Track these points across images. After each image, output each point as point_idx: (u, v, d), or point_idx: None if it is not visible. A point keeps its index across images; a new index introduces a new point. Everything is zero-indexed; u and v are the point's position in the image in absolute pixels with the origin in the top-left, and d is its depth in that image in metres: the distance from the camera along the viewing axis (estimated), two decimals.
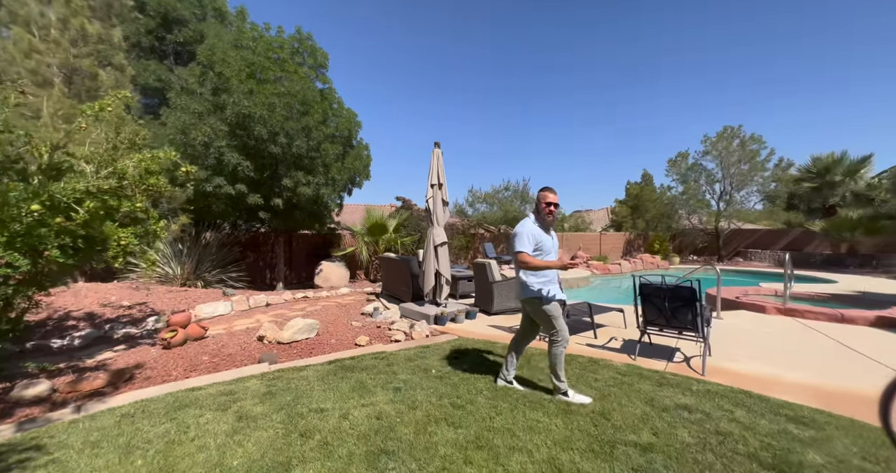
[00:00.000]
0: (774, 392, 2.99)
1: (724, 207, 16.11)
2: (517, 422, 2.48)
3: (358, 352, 4.05)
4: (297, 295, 7.90)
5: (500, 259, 12.66)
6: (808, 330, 4.94)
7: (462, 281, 7.68)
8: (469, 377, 3.31)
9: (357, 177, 9.44)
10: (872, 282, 9.58)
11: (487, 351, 4.11)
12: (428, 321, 5.45)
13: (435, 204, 5.94)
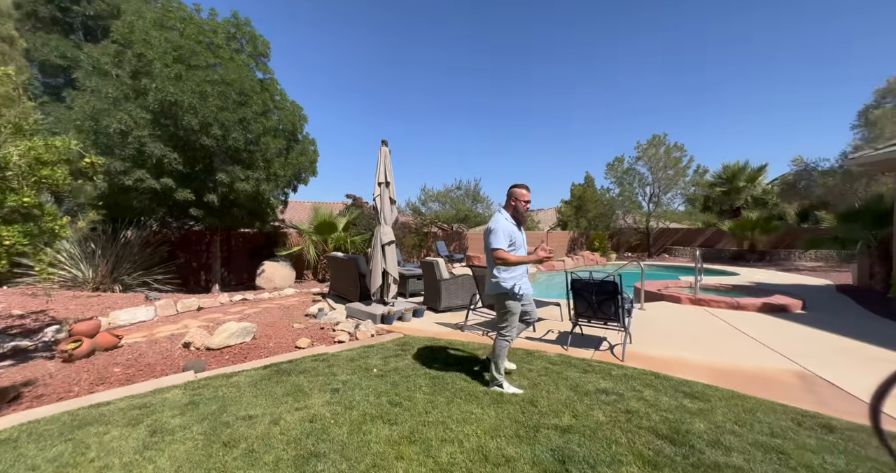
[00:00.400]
0: (678, 371, 3.41)
1: (653, 208, 17.81)
2: (452, 415, 2.58)
3: (297, 355, 3.91)
4: (234, 298, 7.40)
5: (452, 257, 12.88)
6: (711, 316, 5.67)
7: (412, 279, 7.71)
8: (410, 374, 3.35)
9: (303, 173, 9.03)
10: (764, 274, 11.21)
11: (431, 347, 4.18)
12: (374, 320, 5.41)
13: (382, 202, 5.89)
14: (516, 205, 3.02)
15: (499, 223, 2.90)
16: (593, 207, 20.61)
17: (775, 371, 3.45)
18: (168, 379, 3.18)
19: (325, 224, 10.48)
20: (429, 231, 15.07)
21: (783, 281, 9.74)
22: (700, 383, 3.11)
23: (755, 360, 3.73)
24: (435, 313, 6.16)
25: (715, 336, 4.65)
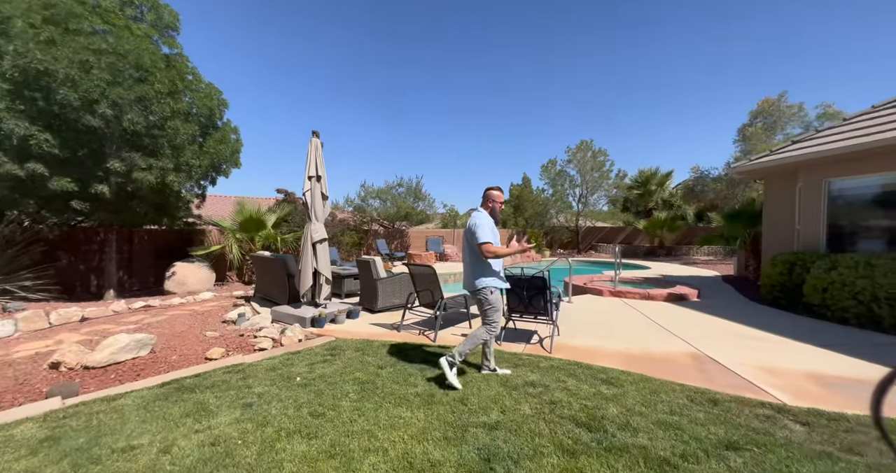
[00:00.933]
0: (598, 360, 3.67)
1: (582, 208, 19.33)
2: (379, 421, 2.45)
3: (207, 368, 3.45)
4: (134, 305, 6.38)
5: (393, 255, 12.62)
6: (627, 307, 6.26)
7: (348, 279, 7.36)
8: (338, 381, 3.14)
9: (223, 163, 8.08)
10: (670, 268, 12.78)
11: (363, 350, 3.98)
12: (303, 324, 5.03)
13: (313, 197, 5.49)
14: (493, 206, 3.16)
15: (483, 219, 3.02)
16: (530, 207, 21.72)
17: (676, 354, 3.89)
18: (20, 410, 2.55)
19: (251, 220, 9.54)
20: (369, 229, 14.60)
21: (684, 273, 11.18)
22: (616, 369, 3.37)
23: (661, 345, 4.17)
24: (371, 314, 5.94)
25: (630, 324, 5.13)
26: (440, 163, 61.74)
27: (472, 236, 3.01)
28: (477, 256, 3.02)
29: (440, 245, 14.39)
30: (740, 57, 40.61)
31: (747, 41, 37.95)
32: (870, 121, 6.00)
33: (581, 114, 52.48)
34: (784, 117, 15.19)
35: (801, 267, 5.79)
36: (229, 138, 7.89)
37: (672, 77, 45.53)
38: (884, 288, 4.54)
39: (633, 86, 48.47)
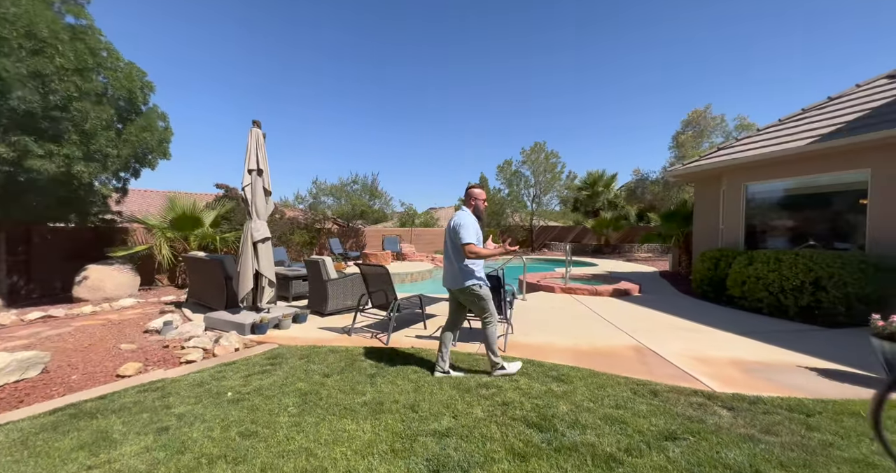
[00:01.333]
0: (549, 356, 3.73)
1: (536, 208, 20.03)
2: (321, 437, 2.23)
3: (116, 387, 2.97)
4: (29, 316, 5.44)
5: (347, 255, 12.13)
6: (577, 303, 6.52)
7: (296, 280, 6.90)
8: (277, 393, 2.85)
9: (148, 153, 7.16)
10: (615, 264, 13.65)
11: (309, 357, 3.70)
12: (242, 331, 4.59)
13: (254, 193, 5.04)
14: (476, 203, 3.18)
15: (467, 219, 3.02)
16: (487, 206, 22.13)
17: (621, 347, 4.07)
18: None
19: (185, 218, 8.59)
20: (322, 227, 13.90)
21: (627, 269, 11.98)
22: (566, 366, 3.43)
23: (607, 339, 4.35)
24: (321, 317, 5.59)
25: (579, 320, 5.31)
26: (398, 161, 60.91)
27: (455, 235, 2.99)
28: (462, 255, 3.01)
29: (397, 244, 14.11)
30: (675, 69, 44.64)
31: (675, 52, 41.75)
32: (777, 133, 6.80)
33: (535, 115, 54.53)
34: (709, 127, 16.92)
35: (725, 262, 6.40)
36: (156, 125, 7.00)
37: (617, 79, 48.74)
38: (789, 280, 5.14)
39: (580, 87, 51.32)
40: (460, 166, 63.82)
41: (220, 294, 5.60)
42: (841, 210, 5.86)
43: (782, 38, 35.63)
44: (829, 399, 2.73)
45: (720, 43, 37.80)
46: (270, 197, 5.29)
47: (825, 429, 2.31)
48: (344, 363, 3.54)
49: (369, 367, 3.42)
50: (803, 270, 5.02)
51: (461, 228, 2.96)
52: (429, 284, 10.70)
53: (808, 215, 6.32)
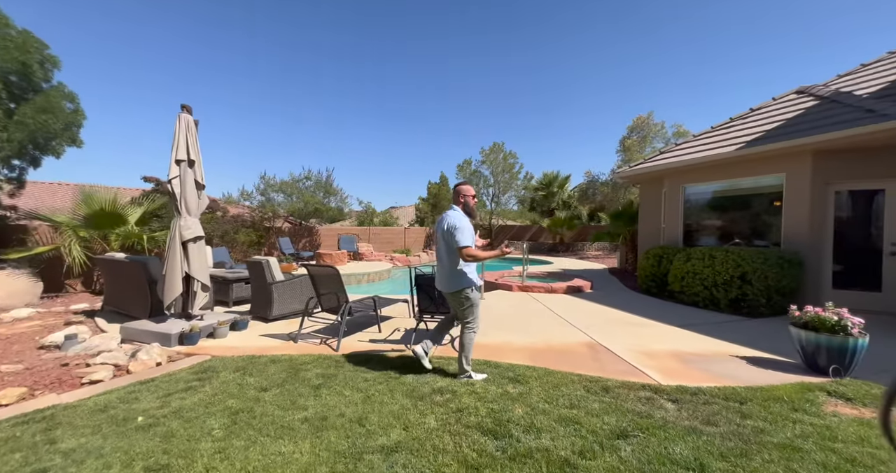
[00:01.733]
0: (506, 356, 3.68)
1: (495, 207, 20.34)
2: (249, 464, 1.95)
3: None
4: None
5: (299, 255, 11.44)
6: (533, 300, 6.61)
7: (237, 283, 6.30)
8: (201, 414, 2.49)
9: (51, 139, 6.15)
10: (569, 262, 14.22)
11: (245, 369, 3.32)
12: (167, 342, 4.05)
13: (184, 186, 4.48)
14: (465, 200, 3.09)
15: (462, 220, 2.93)
16: (447, 205, 22.10)
17: (574, 344, 4.13)
18: None
19: (103, 215, 7.52)
20: (271, 226, 12.98)
21: (580, 266, 12.52)
22: (522, 365, 3.40)
23: (562, 337, 4.41)
24: (265, 323, 5.13)
25: (535, 318, 5.36)
26: (356, 158, 59.13)
27: (451, 238, 2.89)
28: (457, 257, 2.92)
29: (354, 243, 13.57)
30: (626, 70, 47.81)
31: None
32: (710, 139, 7.39)
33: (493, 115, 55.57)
34: (652, 133, 18.25)
35: (667, 259, 6.84)
36: (60, 107, 6.00)
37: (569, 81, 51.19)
38: (721, 275, 5.58)
39: (538, 88, 53.28)
40: (421, 165, 63.40)
41: (142, 300, 4.92)
42: (762, 210, 6.49)
43: (716, 44, 39.51)
44: (757, 387, 2.93)
45: (657, 48, 41.01)
46: (204, 191, 4.75)
47: (756, 416, 2.45)
48: (286, 374, 3.22)
49: (315, 377, 3.14)
50: (732, 266, 5.47)
51: (457, 231, 2.85)
52: (387, 284, 10.39)
53: (735, 215, 6.93)
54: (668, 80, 45.44)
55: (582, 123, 53.85)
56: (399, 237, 18.66)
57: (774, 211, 6.11)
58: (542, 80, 51.57)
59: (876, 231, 5.40)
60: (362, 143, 60.52)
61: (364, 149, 61.77)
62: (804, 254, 5.48)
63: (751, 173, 6.32)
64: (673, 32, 37.86)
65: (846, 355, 3.12)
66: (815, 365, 3.26)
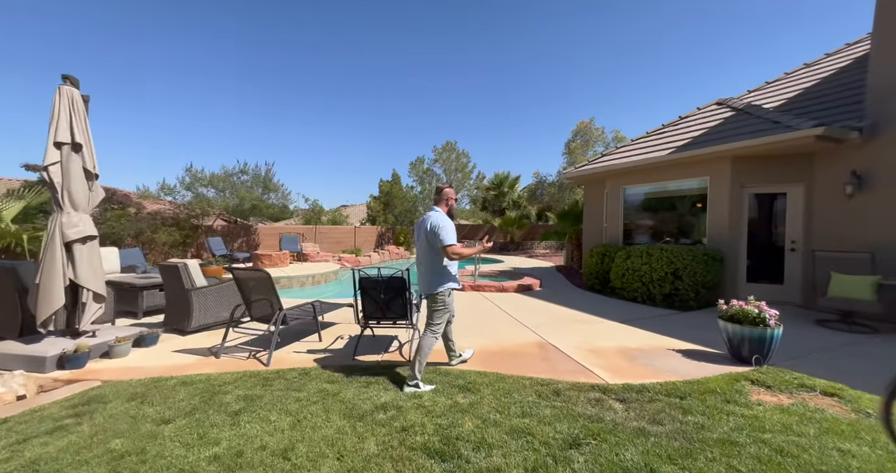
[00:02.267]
0: None
1: None
2: None
3: None
4: None
5: (234, 256, 10.34)
6: (485, 300, 6.54)
7: (149, 291, 5.41)
8: (66, 465, 1.94)
9: None
10: (519, 261, 14.57)
11: (145, 396, 2.74)
12: (41, 367, 3.27)
13: (67, 175, 3.67)
14: (450, 203, 3.17)
15: (445, 220, 2.98)
16: (399, 204, 21.58)
17: (525, 344, 4.07)
18: None
19: None
20: (200, 224, 11.57)
21: (529, 265, 12.86)
22: (473, 371, 3.22)
23: (513, 337, 4.33)
24: (182, 336, 4.43)
25: (487, 318, 5.26)
26: (300, 152, 55.74)
27: (434, 237, 2.91)
28: (439, 258, 2.96)
29: (297, 243, 12.62)
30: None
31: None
32: (646, 143, 7.91)
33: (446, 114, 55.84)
34: (593, 137, 19.44)
35: (609, 257, 7.16)
36: None
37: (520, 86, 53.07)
38: (656, 271, 5.93)
39: (488, 87, 54.57)
40: (372, 163, 61.64)
41: (11, 315, 3.96)
42: (690, 211, 7.06)
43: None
44: (694, 380, 3.04)
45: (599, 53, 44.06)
46: (97, 182, 3.94)
47: (696, 410, 2.51)
48: (199, 399, 2.71)
49: (235, 401, 2.68)
50: (666, 263, 5.84)
51: (441, 230, 2.88)
52: (333, 287, 9.76)
53: (667, 215, 7.47)
54: (611, 86, 49.14)
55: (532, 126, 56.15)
56: (349, 236, 17.84)
57: (700, 211, 6.66)
58: (494, 81, 52.87)
59: (780, 230, 6.10)
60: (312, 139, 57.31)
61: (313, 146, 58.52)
62: (724, 251, 6.02)
63: (681, 176, 6.83)
64: (618, 39, 41.04)
65: (765, 345, 3.38)
66: (739, 355, 3.50)
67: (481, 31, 42.75)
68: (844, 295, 4.67)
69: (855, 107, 5.47)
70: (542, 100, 52.57)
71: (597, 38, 40.73)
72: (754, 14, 35.45)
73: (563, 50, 43.89)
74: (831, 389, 2.85)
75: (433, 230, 2.91)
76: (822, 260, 5.12)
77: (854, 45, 7.75)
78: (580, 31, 39.88)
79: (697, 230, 6.80)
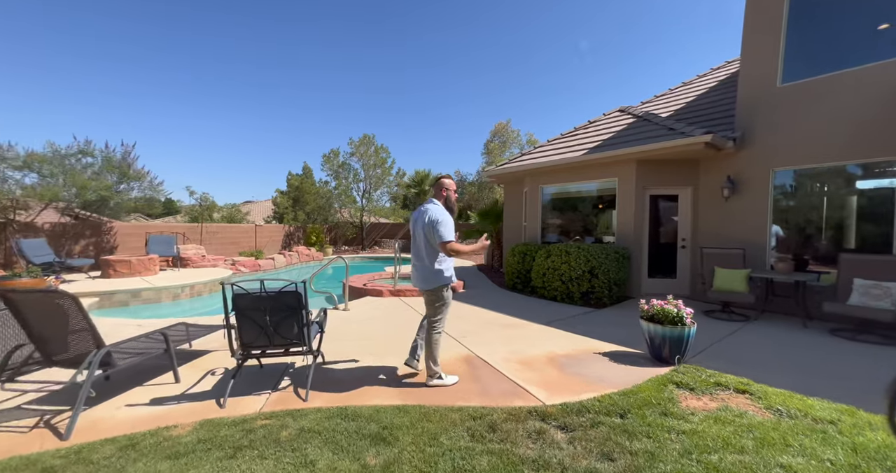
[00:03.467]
0: (370, 396, 2.78)
1: (366, 204, 19.04)
2: None
3: None
4: None
5: (65, 264, 7.77)
6: (406, 307, 5.88)
7: None
8: None
9: None
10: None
11: None
12: None
13: None
14: (447, 194, 3.01)
15: (444, 215, 2.82)
16: (311, 200, 19.53)
17: (452, 360, 3.54)
18: None
19: None
20: (9, 219, 8.40)
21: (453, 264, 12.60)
22: (390, 408, 2.55)
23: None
24: None
25: (407, 329, 4.60)
26: (187, 138, 47.44)
27: (432, 232, 2.77)
28: (437, 252, 2.85)
29: (173, 245, 10.19)
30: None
31: None
32: (562, 145, 8.16)
33: (363, 108, 53.43)
34: (510, 139, 20.28)
35: (530, 256, 7.15)
36: None
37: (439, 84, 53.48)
38: (575, 270, 6.02)
39: (406, 87, 53.97)
40: (281, 157, 55.79)
41: None
42: (602, 210, 7.44)
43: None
44: (627, 390, 2.86)
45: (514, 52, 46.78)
46: None
47: (640, 433, 2.25)
48: None
49: None
50: (584, 261, 5.95)
51: (440, 225, 2.73)
52: (214, 297, 8.02)
53: (582, 214, 7.81)
54: (527, 88, 52.63)
55: (453, 125, 57.12)
56: (247, 236, 15.40)
57: (608, 211, 7.03)
58: (416, 80, 52.28)
59: (673, 229, 6.75)
60: (207, 123, 49.05)
61: (208, 132, 50.18)
62: (631, 249, 6.41)
63: (593, 177, 7.13)
64: (531, 42, 43.90)
65: (682, 344, 3.42)
66: (659, 355, 3.50)
67: (395, 27, 41.75)
68: (727, 288, 5.23)
69: (728, 120, 6.26)
70: (461, 100, 53.84)
71: (508, 40, 43.13)
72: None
73: (474, 51, 45.54)
74: (741, 385, 2.92)
75: (431, 224, 2.76)
76: (709, 256, 5.73)
77: (718, 69, 9.12)
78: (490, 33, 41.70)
79: (607, 229, 7.19)
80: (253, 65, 45.67)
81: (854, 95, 4.80)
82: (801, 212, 5.49)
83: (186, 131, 47.06)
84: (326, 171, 18.57)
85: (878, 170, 4.78)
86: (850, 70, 4.84)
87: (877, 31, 4.77)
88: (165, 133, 44.64)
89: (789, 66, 5.35)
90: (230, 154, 53.13)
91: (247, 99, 49.33)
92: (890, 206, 4.61)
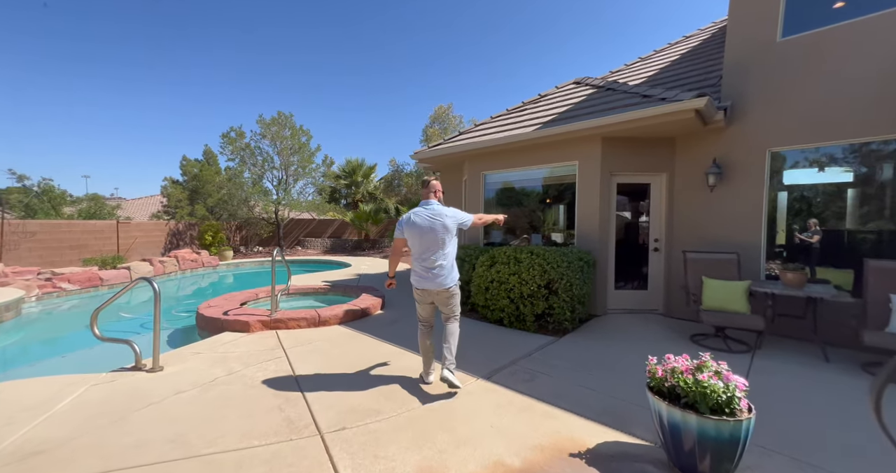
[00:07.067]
0: None
1: (284, 196, 16.01)
2: None
3: None
4: None
5: None
6: (277, 352, 3.71)
7: None
8: None
9: None
10: (370, 263, 12.03)
11: None
12: None
13: None
14: (440, 196, 3.10)
15: (451, 208, 2.97)
16: (215, 191, 15.94)
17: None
18: None
19: None
20: None
21: (381, 268, 10.48)
22: None
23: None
24: None
25: (248, 418, 2.48)
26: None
27: (456, 223, 2.89)
28: (454, 251, 2.92)
29: None
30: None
31: None
32: (507, 121, 6.48)
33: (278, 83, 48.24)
34: (451, 125, 18.55)
35: (469, 263, 5.36)
36: None
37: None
38: (527, 284, 4.35)
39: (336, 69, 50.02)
40: (170, 141, 48.16)
41: None
42: (557, 204, 5.90)
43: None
44: None
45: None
46: None
47: None
48: None
49: None
50: (539, 272, 4.29)
51: (459, 214, 2.93)
52: (11, 332, 5.10)
53: (532, 209, 6.21)
54: (467, 73, 51.39)
55: (388, 112, 54.03)
56: (104, 236, 11.64)
57: (569, 204, 5.50)
58: (352, 62, 48.27)
59: (644, 226, 5.41)
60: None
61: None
62: (595, 253, 4.92)
63: (547, 160, 5.54)
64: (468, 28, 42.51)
65: (736, 451, 1.80)
66: (689, 466, 1.85)
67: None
68: (722, 307, 3.89)
69: (711, 88, 4.96)
70: (399, 85, 51.03)
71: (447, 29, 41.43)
72: None
73: (419, 34, 43.30)
74: None
75: (455, 218, 2.88)
76: (694, 263, 4.38)
77: (699, 32, 7.93)
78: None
79: (565, 227, 5.66)
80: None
81: (882, 50, 3.66)
82: (806, 204, 4.36)
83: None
84: (227, 155, 15.17)
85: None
86: (878, 14, 3.69)
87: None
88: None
89: (793, 13, 4.13)
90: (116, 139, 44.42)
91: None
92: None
